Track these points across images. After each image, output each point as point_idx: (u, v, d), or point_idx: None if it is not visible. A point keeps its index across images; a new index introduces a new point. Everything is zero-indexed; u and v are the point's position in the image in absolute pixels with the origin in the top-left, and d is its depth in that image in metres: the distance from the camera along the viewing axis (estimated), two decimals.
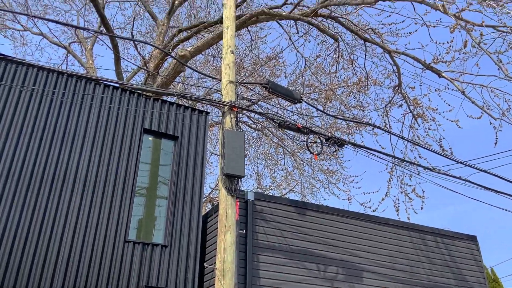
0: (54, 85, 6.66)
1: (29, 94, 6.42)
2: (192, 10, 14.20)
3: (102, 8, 11.66)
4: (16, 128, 6.16)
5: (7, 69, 6.33)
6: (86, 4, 13.85)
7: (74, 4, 13.95)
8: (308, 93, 12.47)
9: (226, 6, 8.15)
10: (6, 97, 6.25)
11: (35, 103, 6.45)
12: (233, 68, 7.33)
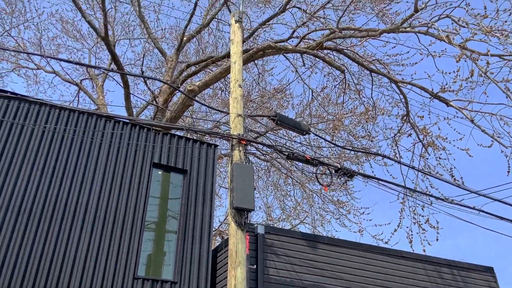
0: (66, 123, 6.77)
1: (41, 132, 6.52)
2: (200, 45, 14.54)
3: (113, 46, 11.99)
4: (27, 166, 6.22)
5: (20, 108, 6.47)
6: (97, 43, 14.28)
7: (86, 42, 14.40)
8: (315, 124, 12.51)
9: (234, 42, 8.33)
10: (19, 135, 6.36)
11: (47, 140, 6.55)
12: (241, 102, 7.41)
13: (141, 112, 13.86)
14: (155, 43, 12.89)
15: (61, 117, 6.79)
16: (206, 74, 12.71)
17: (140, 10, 12.24)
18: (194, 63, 12.40)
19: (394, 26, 8.20)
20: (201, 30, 12.85)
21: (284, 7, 10.27)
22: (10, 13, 12.56)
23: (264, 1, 12.67)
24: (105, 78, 13.72)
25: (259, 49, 9.69)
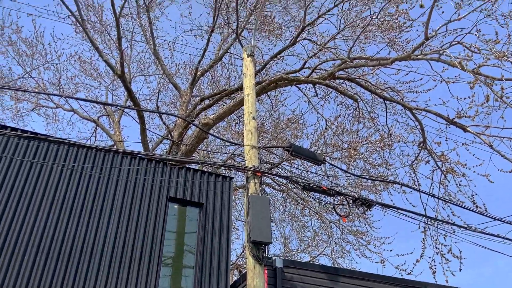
0: (84, 160, 6.88)
1: (60, 170, 6.62)
2: (213, 79, 14.81)
3: (129, 83, 12.31)
4: (46, 204, 6.29)
5: (40, 147, 6.61)
6: (114, 80, 14.68)
7: (103, 80, 14.82)
8: (331, 153, 12.44)
9: (246, 76, 8.45)
10: (38, 174, 6.47)
11: (65, 178, 6.64)
12: (255, 133, 7.44)
13: (156, 146, 14.03)
14: (170, 79, 13.18)
15: (79, 155, 6.90)
16: (220, 107, 12.88)
17: (155, 47, 12.60)
18: (208, 97, 12.59)
19: (405, 54, 8.24)
20: (214, 64, 13.13)
21: (295, 39, 10.46)
22: (31, 55, 13.08)
23: (275, 35, 12.94)
24: (121, 114, 14.00)
25: (271, 81, 9.82)
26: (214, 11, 11.92)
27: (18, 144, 6.49)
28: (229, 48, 13.10)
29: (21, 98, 13.17)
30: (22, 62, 12.92)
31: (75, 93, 14.10)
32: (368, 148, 11.79)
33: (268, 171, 6.55)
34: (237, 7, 10.80)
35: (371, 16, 8.94)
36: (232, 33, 13.29)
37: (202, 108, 12.03)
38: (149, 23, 12.40)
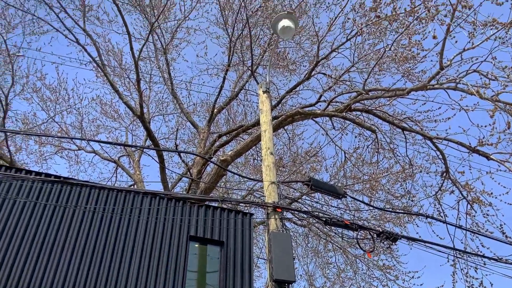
0: (105, 201, 6.95)
1: (82, 212, 6.69)
2: (230, 115, 15.00)
3: (148, 123, 12.57)
4: (69, 246, 6.32)
5: (63, 191, 6.73)
6: (134, 121, 15.03)
7: (123, 121, 15.19)
8: (351, 185, 12.26)
9: (263, 112, 8.53)
10: (61, 216, 6.54)
11: (87, 220, 6.69)
12: (273, 169, 7.41)
13: (176, 184, 14.10)
14: (188, 117, 13.41)
15: (101, 196, 6.98)
16: (238, 142, 12.96)
17: (172, 87, 12.93)
18: (225, 133, 12.72)
19: (421, 84, 8.23)
20: (230, 101, 13.34)
21: (309, 74, 10.59)
22: (54, 100, 13.58)
23: (289, 70, 13.14)
24: (141, 154, 14.22)
25: (288, 115, 9.88)
26: (229, 50, 12.24)
27: (42, 188, 6.62)
28: (244, 85, 13.33)
29: (45, 142, 13.57)
30: (46, 108, 13.41)
31: (96, 135, 14.48)
32: (389, 179, 11.59)
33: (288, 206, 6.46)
34: (251, 46, 11.07)
35: (384, 48, 9.02)
36: (247, 70, 13.57)
37: (220, 145, 12.13)
38: (167, 64, 12.78)
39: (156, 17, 11.60)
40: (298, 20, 10.06)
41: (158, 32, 12.76)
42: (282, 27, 8.11)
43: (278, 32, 8.25)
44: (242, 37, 12.36)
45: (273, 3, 11.78)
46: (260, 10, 11.87)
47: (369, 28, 9.38)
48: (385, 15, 8.45)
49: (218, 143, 12.27)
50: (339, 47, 10.06)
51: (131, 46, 10.87)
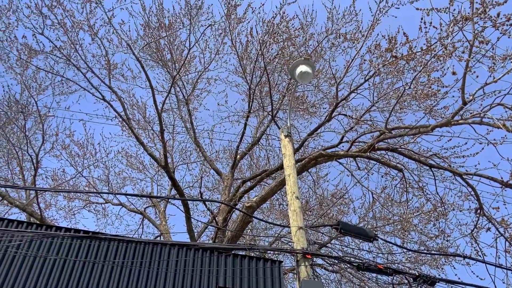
0: (133, 255, 6.93)
1: (111, 266, 6.68)
2: (252, 160, 15.05)
3: (173, 172, 12.71)
4: None
5: (92, 246, 6.76)
6: (158, 171, 15.26)
7: (148, 172, 15.44)
8: (382, 227, 11.89)
9: (285, 156, 8.53)
10: (91, 271, 6.53)
11: (116, 274, 6.65)
12: (300, 214, 7.29)
13: (202, 233, 13.99)
14: (211, 165, 13.52)
15: (128, 250, 6.97)
16: (262, 188, 12.89)
17: (195, 136, 13.16)
18: (249, 179, 12.70)
19: (445, 121, 8.12)
20: (252, 146, 13.43)
21: (329, 115, 10.63)
22: (82, 156, 14.00)
23: (309, 113, 13.25)
24: (166, 204, 14.30)
25: (311, 158, 9.84)
26: (249, 97, 12.50)
27: (72, 244, 6.67)
28: (266, 130, 13.46)
29: (73, 197, 13.85)
30: (74, 163, 13.81)
31: (123, 187, 14.72)
32: (421, 219, 11.19)
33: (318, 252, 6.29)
34: (270, 92, 11.28)
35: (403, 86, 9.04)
36: (267, 115, 13.74)
37: (244, 191, 12.09)
38: (189, 114, 13.10)
39: (178, 70, 12.04)
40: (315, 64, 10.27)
41: (179, 84, 13.21)
42: (300, 72, 8.27)
43: (296, 78, 8.40)
44: (261, 83, 12.64)
45: (289, 50, 12.11)
46: (277, 57, 12.19)
47: (386, 68, 9.46)
48: (402, 54, 8.54)
49: (243, 189, 12.23)
50: (358, 88, 10.14)
51: (154, 99, 11.24)
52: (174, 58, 12.77)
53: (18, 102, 12.29)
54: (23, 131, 12.08)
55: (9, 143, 12.47)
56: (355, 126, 10.69)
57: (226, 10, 11.74)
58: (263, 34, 11.67)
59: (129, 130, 12.57)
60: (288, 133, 8.74)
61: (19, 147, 12.50)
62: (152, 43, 12.59)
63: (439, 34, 7.48)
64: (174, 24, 12.42)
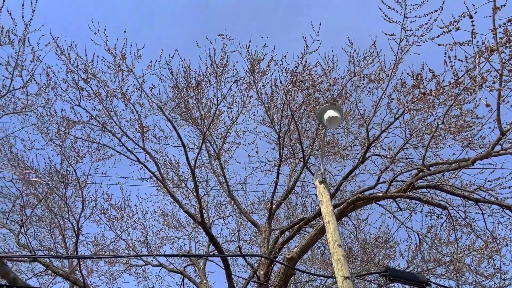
0: None
1: None
2: (289, 209, 14.84)
3: (209, 228, 12.65)
4: None
5: None
6: (195, 227, 15.23)
7: (185, 229, 15.43)
8: (432, 269, 11.23)
9: (322, 203, 8.38)
10: None
11: None
12: (345, 262, 7.05)
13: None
14: (247, 217, 13.39)
15: None
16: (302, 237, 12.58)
17: (229, 189, 13.18)
18: (287, 228, 12.45)
19: (485, 152, 7.82)
20: (287, 195, 13.27)
21: (363, 157, 10.46)
22: (120, 219, 14.21)
23: (341, 156, 13.11)
24: (206, 261, 14.11)
25: (349, 203, 9.59)
26: (279, 145, 12.55)
27: None
28: (299, 177, 13.34)
29: (114, 261, 13.92)
30: (113, 227, 14.00)
31: (161, 247, 14.71)
32: (473, 257, 10.52)
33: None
34: (300, 139, 11.30)
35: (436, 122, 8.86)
36: (299, 162, 13.68)
37: (283, 242, 11.81)
38: (221, 168, 13.22)
39: (207, 126, 12.33)
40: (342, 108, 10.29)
41: (210, 139, 13.47)
42: (328, 117, 8.29)
43: (325, 123, 8.41)
44: (290, 131, 12.71)
45: (314, 96, 12.24)
46: (303, 104, 12.32)
47: (415, 105, 9.36)
48: (430, 90, 8.45)
49: (282, 239, 11.96)
50: (388, 127, 10.01)
51: (186, 156, 11.46)
52: (203, 115, 13.14)
53: (59, 172, 12.81)
54: (64, 199, 12.47)
55: (51, 213, 12.87)
56: (390, 166, 10.44)
57: (249, 65, 12.13)
58: (287, 84, 11.90)
59: (164, 189, 12.75)
60: (322, 179, 8.64)
61: (61, 216, 12.85)
62: (181, 103, 13.05)
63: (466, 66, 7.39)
64: (201, 83, 12.89)
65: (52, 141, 12.72)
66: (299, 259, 9.83)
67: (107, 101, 12.09)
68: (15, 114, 12.02)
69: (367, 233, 12.84)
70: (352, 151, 13.13)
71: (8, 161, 12.66)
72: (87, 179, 12.74)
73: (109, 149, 12.79)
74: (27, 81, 11.36)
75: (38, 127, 12.57)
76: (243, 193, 15.01)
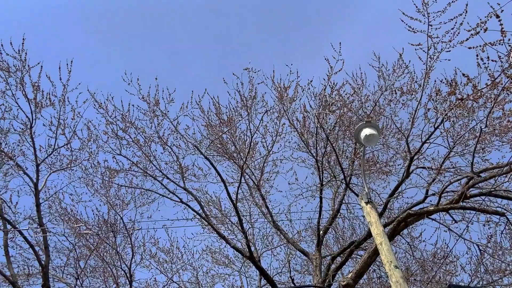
0: None
1: None
2: (337, 233, 14.45)
3: (259, 261, 12.50)
4: None
5: None
6: (244, 262, 15.08)
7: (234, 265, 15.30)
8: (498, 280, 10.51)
9: (371, 223, 8.13)
10: None
11: None
12: (404, 284, 6.75)
13: None
14: (295, 246, 13.13)
15: None
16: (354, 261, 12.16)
17: (273, 220, 13.04)
18: (337, 254, 12.09)
19: None
20: (333, 219, 12.97)
21: (407, 171, 10.13)
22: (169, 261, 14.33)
23: (384, 172, 12.75)
24: None
25: (399, 221, 9.24)
26: (318, 169, 12.39)
27: None
28: (343, 199, 13.04)
29: None
30: (164, 270, 14.11)
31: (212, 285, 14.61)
32: None
33: None
34: (338, 160, 11.11)
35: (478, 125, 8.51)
36: (341, 184, 13.42)
37: (336, 268, 11.44)
38: (263, 199, 13.15)
39: (244, 159, 12.39)
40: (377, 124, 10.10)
41: (248, 171, 13.49)
42: (365, 136, 8.14)
43: (363, 142, 8.25)
44: (327, 154, 12.55)
45: (347, 115, 12.11)
46: (337, 126, 12.19)
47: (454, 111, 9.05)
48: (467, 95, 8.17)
49: (334, 265, 11.61)
50: (429, 137, 9.69)
51: (227, 191, 11.52)
52: (238, 148, 13.24)
53: (107, 221, 13.17)
54: (114, 248, 12.74)
55: (104, 263, 13.14)
56: (437, 177, 10.03)
57: (277, 94, 12.21)
58: (317, 107, 11.86)
59: (209, 226, 12.79)
60: (368, 199, 8.42)
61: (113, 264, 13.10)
62: (216, 139, 13.24)
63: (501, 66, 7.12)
64: (233, 117, 13.07)
65: (98, 192, 13.17)
66: (355, 285, 9.47)
67: (146, 147, 12.47)
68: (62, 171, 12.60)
69: (423, 250, 12.25)
70: (395, 166, 12.76)
71: (59, 216, 13.15)
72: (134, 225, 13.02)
73: (152, 193, 13.08)
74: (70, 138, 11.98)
75: (83, 180, 13.08)
76: (288, 222, 14.81)
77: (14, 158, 11.60)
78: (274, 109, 12.80)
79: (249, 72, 11.98)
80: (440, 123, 9.26)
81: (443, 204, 8.97)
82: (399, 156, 12.65)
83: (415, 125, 10.05)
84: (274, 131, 13.24)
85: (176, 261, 14.46)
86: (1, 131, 11.36)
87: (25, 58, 10.82)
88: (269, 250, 15.08)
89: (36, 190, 11.46)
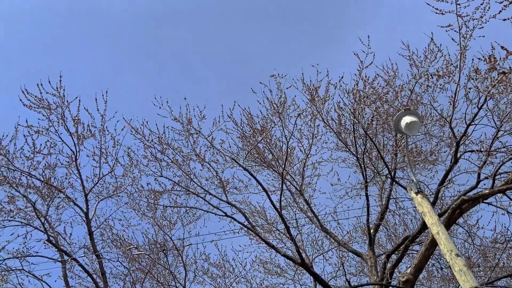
0: None
1: None
2: (389, 230, 14.02)
3: (311, 267, 12.29)
4: None
5: None
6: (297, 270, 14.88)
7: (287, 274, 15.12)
8: None
9: (425, 214, 7.85)
10: None
11: None
12: (469, 272, 6.44)
13: None
14: (347, 247, 12.82)
15: None
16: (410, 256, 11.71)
17: (320, 224, 12.81)
18: (392, 251, 11.68)
19: None
20: (383, 216, 12.58)
21: (454, 157, 9.69)
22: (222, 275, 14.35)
23: (430, 161, 12.29)
24: None
25: (454, 208, 8.79)
26: (360, 167, 12.10)
27: None
28: (390, 194, 12.65)
29: None
30: (217, 285, 14.15)
31: None
32: None
33: None
34: (380, 155, 10.83)
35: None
36: (386, 179, 13.04)
37: (392, 266, 11.04)
38: (307, 204, 12.99)
39: (283, 166, 12.29)
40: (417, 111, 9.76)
41: (288, 178, 13.36)
42: (405, 124, 7.87)
43: (404, 131, 7.98)
44: (367, 150, 12.23)
45: (383, 108, 11.79)
46: (374, 119, 11.89)
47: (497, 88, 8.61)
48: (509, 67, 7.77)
49: (390, 264, 11.22)
50: (473, 119, 9.26)
51: (270, 200, 11.45)
52: (276, 156, 13.16)
53: (157, 242, 13.39)
54: (167, 268, 12.91)
55: (158, 284, 13.34)
56: (488, 159, 9.53)
57: (309, 96, 12.10)
58: (352, 103, 11.63)
59: (257, 237, 12.73)
60: (418, 189, 8.14)
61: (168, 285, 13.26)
62: (252, 149, 13.24)
63: None
64: (266, 125, 13.04)
65: (145, 214, 13.45)
66: (415, 280, 9.07)
67: (185, 166, 12.65)
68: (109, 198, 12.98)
69: (482, 237, 11.62)
70: (440, 154, 12.26)
71: (111, 242, 13.51)
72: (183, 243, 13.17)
73: (196, 210, 13.23)
74: (113, 165, 12.36)
75: (130, 204, 13.41)
76: (336, 224, 14.52)
77: (64, 191, 12.07)
78: (307, 111, 12.68)
79: (275, 78, 11.96)
80: (484, 102, 8.84)
81: (498, 186, 8.50)
82: (444, 144, 12.16)
83: (457, 109, 9.63)
84: (310, 133, 13.08)
85: (229, 275, 14.47)
86: (49, 166, 11.87)
87: (63, 94, 11.34)
88: (320, 255, 14.82)
89: (87, 219, 11.85)
